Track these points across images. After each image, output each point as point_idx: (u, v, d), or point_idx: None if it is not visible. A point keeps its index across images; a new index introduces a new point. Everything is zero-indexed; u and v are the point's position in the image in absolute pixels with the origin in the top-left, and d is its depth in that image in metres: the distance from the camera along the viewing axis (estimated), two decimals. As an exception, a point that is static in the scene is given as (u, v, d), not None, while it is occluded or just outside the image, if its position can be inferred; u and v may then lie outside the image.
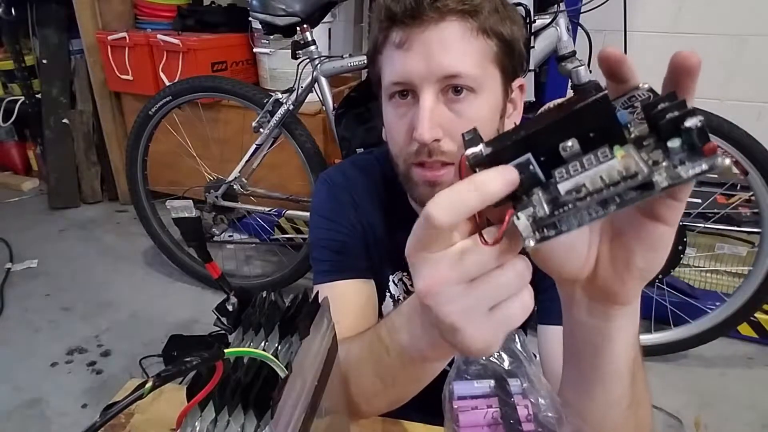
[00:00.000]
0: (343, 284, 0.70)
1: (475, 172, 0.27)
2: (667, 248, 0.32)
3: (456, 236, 0.29)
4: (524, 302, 0.30)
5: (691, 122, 0.23)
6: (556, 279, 0.37)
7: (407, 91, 0.61)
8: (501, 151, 0.27)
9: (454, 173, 0.31)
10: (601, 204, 0.25)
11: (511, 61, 0.63)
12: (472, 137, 0.29)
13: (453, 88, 0.59)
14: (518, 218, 0.27)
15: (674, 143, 0.24)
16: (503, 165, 0.27)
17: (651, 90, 0.28)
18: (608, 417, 0.42)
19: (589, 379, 0.41)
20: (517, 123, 0.68)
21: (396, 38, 0.59)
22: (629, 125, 0.26)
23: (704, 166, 0.23)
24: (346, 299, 0.69)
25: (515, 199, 0.27)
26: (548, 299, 0.67)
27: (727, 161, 0.23)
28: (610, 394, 0.41)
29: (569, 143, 0.26)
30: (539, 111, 0.29)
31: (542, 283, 0.67)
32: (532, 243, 0.26)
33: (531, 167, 0.27)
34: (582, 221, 0.26)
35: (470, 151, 0.27)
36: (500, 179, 0.26)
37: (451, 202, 0.27)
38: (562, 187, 0.26)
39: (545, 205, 0.26)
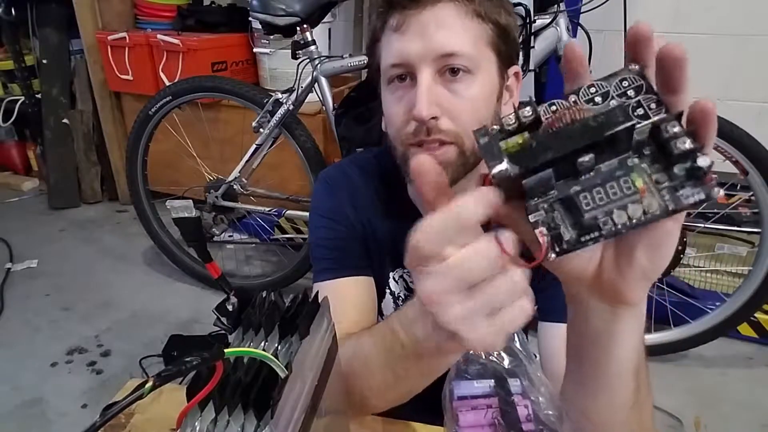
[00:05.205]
0: (342, 282, 0.70)
1: (499, 187, 0.29)
2: (670, 247, 0.32)
3: (450, 250, 0.30)
4: (523, 307, 0.31)
5: (702, 162, 0.26)
6: (560, 277, 0.36)
7: (405, 75, 0.62)
8: (526, 173, 0.28)
9: (476, 181, 0.31)
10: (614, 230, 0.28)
11: (506, 46, 0.64)
12: (484, 133, 0.30)
13: (450, 69, 0.60)
14: (537, 227, 0.29)
15: (680, 170, 0.27)
16: (485, 188, 0.29)
17: (641, 75, 0.29)
18: (612, 418, 0.42)
19: (594, 380, 0.41)
20: (516, 105, 0.69)
21: (393, 22, 0.61)
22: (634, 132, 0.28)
23: (702, 195, 0.27)
24: (346, 297, 0.69)
25: (527, 196, 0.29)
26: (548, 297, 0.67)
27: (721, 192, 0.26)
28: (614, 396, 0.41)
29: (586, 158, 0.28)
30: (548, 111, 0.29)
31: (542, 282, 0.68)
32: (553, 256, 0.29)
33: (551, 181, 0.28)
34: (597, 241, 0.28)
35: (496, 169, 0.28)
36: (479, 205, 0.29)
37: (435, 232, 0.29)
38: (588, 215, 0.28)
39: (570, 229, 0.28)
